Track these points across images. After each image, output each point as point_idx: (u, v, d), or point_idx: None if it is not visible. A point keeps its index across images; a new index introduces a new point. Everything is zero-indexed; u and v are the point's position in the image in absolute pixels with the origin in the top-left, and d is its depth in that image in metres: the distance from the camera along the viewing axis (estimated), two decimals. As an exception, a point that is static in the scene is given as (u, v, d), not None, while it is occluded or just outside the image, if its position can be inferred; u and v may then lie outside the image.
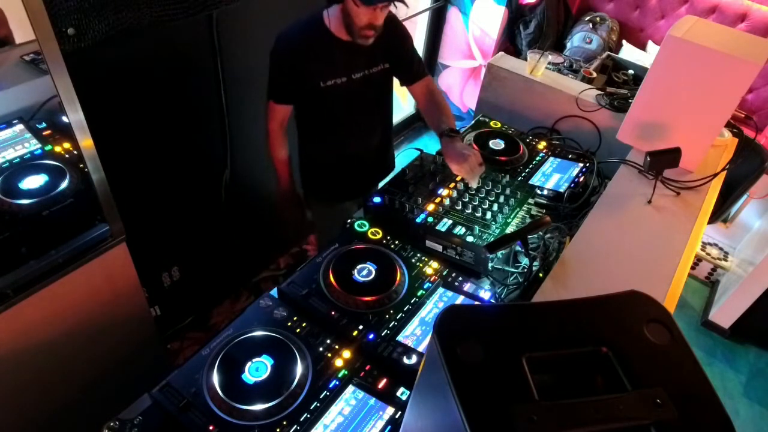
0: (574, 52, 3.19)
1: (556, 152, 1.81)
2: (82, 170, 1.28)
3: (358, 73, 1.59)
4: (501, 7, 3.07)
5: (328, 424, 0.97)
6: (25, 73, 1.29)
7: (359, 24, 1.43)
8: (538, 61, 2.04)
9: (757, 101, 3.10)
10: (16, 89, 1.35)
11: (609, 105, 1.95)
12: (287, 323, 1.14)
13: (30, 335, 1.31)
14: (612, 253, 1.41)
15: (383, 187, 1.55)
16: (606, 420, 0.49)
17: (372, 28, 1.45)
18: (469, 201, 1.49)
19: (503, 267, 1.41)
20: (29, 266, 1.22)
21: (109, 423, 0.96)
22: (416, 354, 1.10)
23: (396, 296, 1.23)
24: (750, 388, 2.53)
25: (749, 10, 3.00)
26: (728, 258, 3.04)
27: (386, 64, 1.65)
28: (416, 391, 0.69)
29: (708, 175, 1.67)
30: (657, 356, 0.55)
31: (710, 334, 2.77)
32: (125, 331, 1.57)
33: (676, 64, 1.59)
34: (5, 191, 1.25)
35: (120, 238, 1.39)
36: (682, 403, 0.51)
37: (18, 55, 1.28)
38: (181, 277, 2.16)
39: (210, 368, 1.02)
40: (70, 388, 1.47)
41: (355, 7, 1.39)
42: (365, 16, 1.42)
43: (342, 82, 1.57)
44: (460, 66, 3.45)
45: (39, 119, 1.37)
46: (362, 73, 1.60)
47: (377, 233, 1.39)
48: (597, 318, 0.59)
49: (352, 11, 1.41)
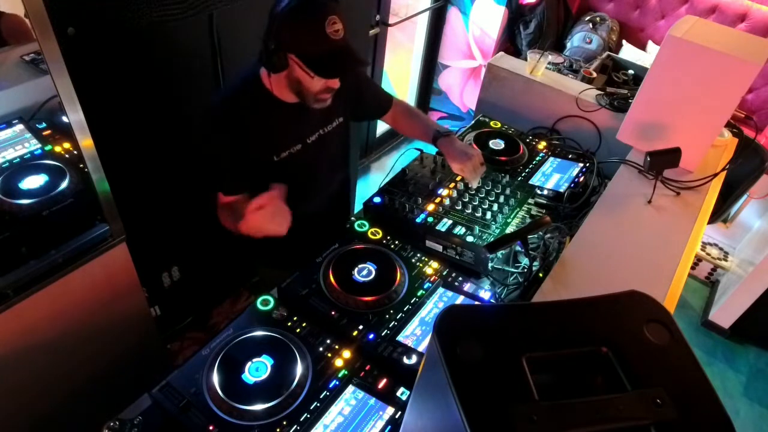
0: (574, 52, 3.19)
1: (556, 152, 1.81)
2: (82, 170, 1.28)
3: (312, 135, 1.39)
4: (501, 7, 3.07)
5: (328, 424, 0.97)
6: (25, 73, 1.29)
7: (314, 90, 1.24)
8: (538, 61, 2.04)
9: (757, 101, 3.10)
10: (16, 89, 1.35)
11: (609, 105, 1.95)
12: (287, 323, 1.14)
13: (30, 335, 1.31)
14: (612, 253, 1.41)
15: (383, 187, 1.55)
16: (606, 420, 0.49)
17: (329, 91, 1.26)
18: (469, 201, 1.49)
19: (503, 267, 1.41)
20: (29, 266, 1.22)
21: (109, 423, 0.96)
22: (416, 354, 1.10)
23: (396, 296, 1.23)
24: (750, 388, 2.53)
25: (749, 10, 3.00)
26: (728, 258, 3.04)
27: (341, 117, 1.45)
28: (416, 391, 0.69)
29: (708, 175, 1.67)
30: (657, 356, 0.55)
31: (710, 334, 2.77)
32: (125, 331, 1.57)
33: (676, 64, 1.59)
34: (5, 191, 1.25)
35: (120, 238, 1.39)
36: (682, 403, 0.51)
37: (18, 55, 1.28)
38: (181, 277, 2.16)
39: (210, 368, 1.02)
40: (70, 388, 1.47)
41: (306, 75, 1.20)
42: (320, 82, 1.22)
43: (297, 150, 1.37)
44: (460, 66, 3.45)
45: (39, 119, 1.37)
46: (317, 134, 1.40)
47: (377, 233, 1.39)
48: (597, 318, 0.59)
49: (302, 79, 1.22)
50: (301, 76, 1.21)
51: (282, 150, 1.35)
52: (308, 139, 1.39)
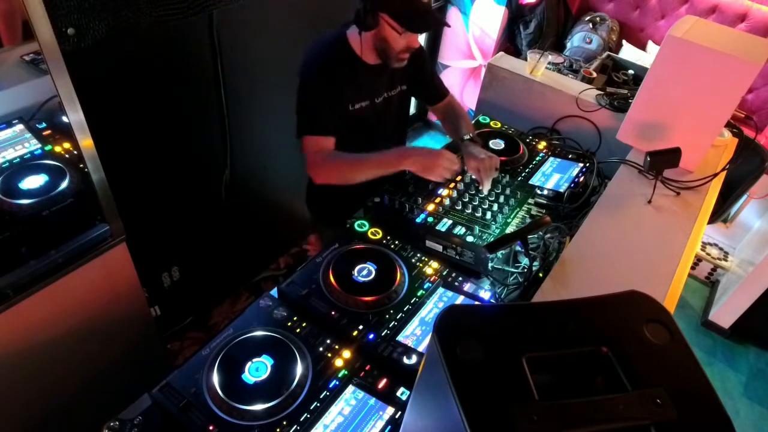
0: (574, 52, 3.19)
1: (556, 152, 1.81)
2: (82, 170, 1.28)
3: (380, 96, 1.58)
4: (501, 7, 3.07)
5: (328, 424, 0.97)
6: (25, 73, 1.29)
7: (397, 48, 1.41)
8: (538, 61, 2.04)
9: (757, 101, 3.10)
10: (16, 89, 1.35)
11: (609, 105, 1.95)
12: (287, 323, 1.14)
13: (30, 335, 1.31)
14: (612, 253, 1.41)
15: (383, 187, 1.55)
16: (606, 420, 0.49)
17: (408, 50, 1.43)
18: (469, 201, 1.49)
19: (503, 267, 1.41)
20: (29, 266, 1.22)
21: (109, 423, 0.96)
22: (416, 354, 1.10)
23: (396, 296, 1.23)
24: (750, 388, 2.53)
25: (749, 10, 3.00)
26: (728, 258, 3.04)
27: (404, 86, 1.64)
28: (416, 391, 0.69)
29: (708, 175, 1.67)
30: (657, 356, 0.55)
31: (710, 334, 2.77)
32: (125, 331, 1.57)
33: (676, 64, 1.59)
34: (5, 191, 1.25)
35: (120, 238, 1.39)
36: (682, 403, 0.51)
37: (18, 55, 1.28)
38: (181, 277, 2.16)
39: (210, 368, 1.02)
40: (70, 388, 1.47)
41: (394, 33, 1.37)
42: (404, 41, 1.40)
43: (366, 105, 1.55)
44: (460, 66, 3.45)
45: (39, 119, 1.37)
46: (383, 96, 1.59)
47: (377, 233, 1.39)
48: (597, 318, 0.59)
49: (389, 37, 1.39)
50: (389, 34, 1.38)
51: (356, 102, 1.53)
52: (376, 99, 1.57)
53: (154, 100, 1.68)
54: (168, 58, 1.67)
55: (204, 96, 1.87)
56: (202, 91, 1.86)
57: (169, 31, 1.59)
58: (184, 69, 1.75)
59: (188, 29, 1.66)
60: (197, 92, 1.85)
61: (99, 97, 1.39)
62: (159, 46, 1.62)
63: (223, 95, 1.90)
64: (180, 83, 1.75)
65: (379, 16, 1.36)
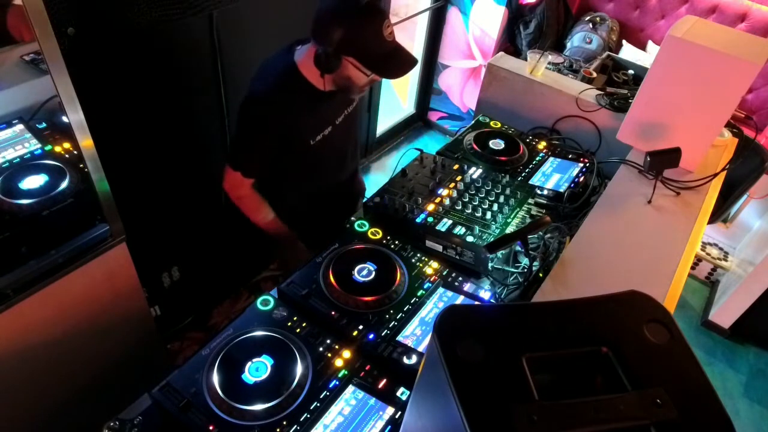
0: (574, 52, 3.19)
1: (556, 152, 1.81)
2: (82, 170, 1.28)
3: (339, 116, 1.50)
4: (501, 7, 3.07)
5: (328, 424, 0.97)
6: (25, 73, 1.29)
7: (360, 84, 1.34)
8: (538, 61, 2.04)
9: (757, 101, 3.10)
10: (16, 89, 1.35)
11: (609, 105, 1.95)
12: (287, 323, 1.14)
13: (30, 335, 1.31)
14: (612, 253, 1.41)
15: (383, 187, 1.55)
16: (606, 420, 0.49)
17: (372, 82, 1.36)
18: (469, 201, 1.49)
19: (503, 267, 1.41)
20: (29, 266, 1.22)
21: (109, 423, 0.96)
22: (416, 354, 1.09)
23: (396, 296, 1.22)
24: (750, 388, 2.53)
25: (749, 10, 3.00)
26: (728, 258, 3.04)
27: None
28: (416, 391, 0.69)
29: (708, 175, 1.67)
30: (657, 356, 0.55)
31: (710, 334, 2.77)
32: (125, 331, 1.57)
33: (676, 64, 1.59)
34: (5, 191, 1.25)
35: (120, 238, 1.39)
36: (682, 403, 0.51)
37: (18, 55, 1.28)
38: (181, 277, 2.16)
39: (210, 368, 1.02)
40: (70, 387, 1.47)
41: (358, 72, 1.29)
42: (368, 77, 1.32)
43: (328, 132, 1.47)
44: (460, 66, 3.45)
45: (39, 119, 1.37)
46: (343, 115, 1.51)
47: (377, 233, 1.39)
48: (597, 318, 0.59)
49: (353, 76, 1.30)
50: (353, 73, 1.30)
51: (317, 134, 1.44)
52: (336, 121, 1.49)
53: (154, 100, 1.68)
54: (168, 58, 1.67)
55: (204, 96, 1.87)
56: (202, 91, 1.86)
57: (169, 31, 1.59)
58: (184, 69, 1.75)
59: (188, 29, 1.66)
60: (197, 92, 1.85)
61: (99, 97, 1.39)
62: (159, 46, 1.62)
63: (223, 95, 1.90)
64: (180, 83, 1.75)
65: (344, 58, 1.27)
